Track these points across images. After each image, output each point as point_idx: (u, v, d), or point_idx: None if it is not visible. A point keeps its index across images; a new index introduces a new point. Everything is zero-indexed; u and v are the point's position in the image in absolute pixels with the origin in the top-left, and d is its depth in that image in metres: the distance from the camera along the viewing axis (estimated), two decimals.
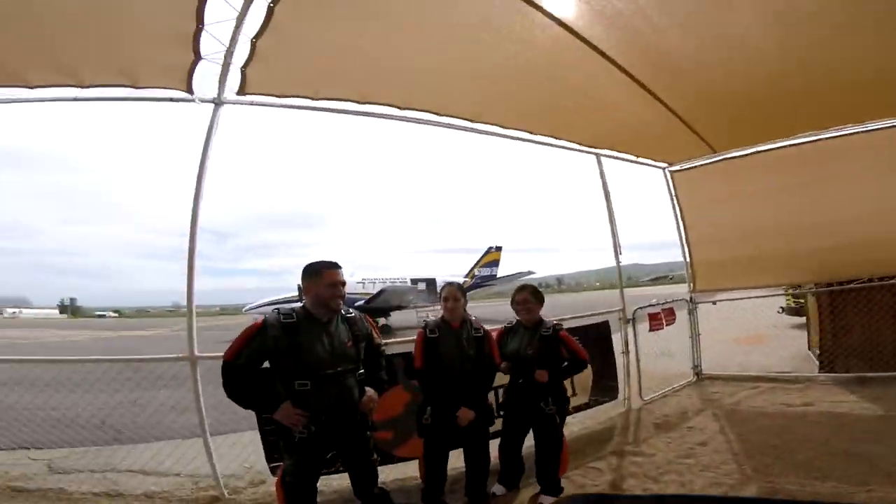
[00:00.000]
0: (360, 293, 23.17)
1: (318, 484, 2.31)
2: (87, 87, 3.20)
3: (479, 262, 31.26)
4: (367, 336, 2.50)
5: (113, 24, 2.65)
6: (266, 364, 2.25)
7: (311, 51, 3.07)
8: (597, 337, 4.59)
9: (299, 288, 22.96)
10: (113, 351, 16.41)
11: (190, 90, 3.38)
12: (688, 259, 6.12)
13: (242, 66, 3.10)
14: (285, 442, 2.21)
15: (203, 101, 3.52)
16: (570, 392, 4.22)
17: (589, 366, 4.31)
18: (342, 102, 3.66)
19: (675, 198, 6.02)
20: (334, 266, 2.39)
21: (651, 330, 5.28)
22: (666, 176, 5.99)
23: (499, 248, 31.61)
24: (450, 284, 2.97)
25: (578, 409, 4.31)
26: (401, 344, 3.78)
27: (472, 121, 4.17)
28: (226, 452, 3.55)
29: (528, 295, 3.05)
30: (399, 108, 3.84)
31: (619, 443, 3.93)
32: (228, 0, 2.47)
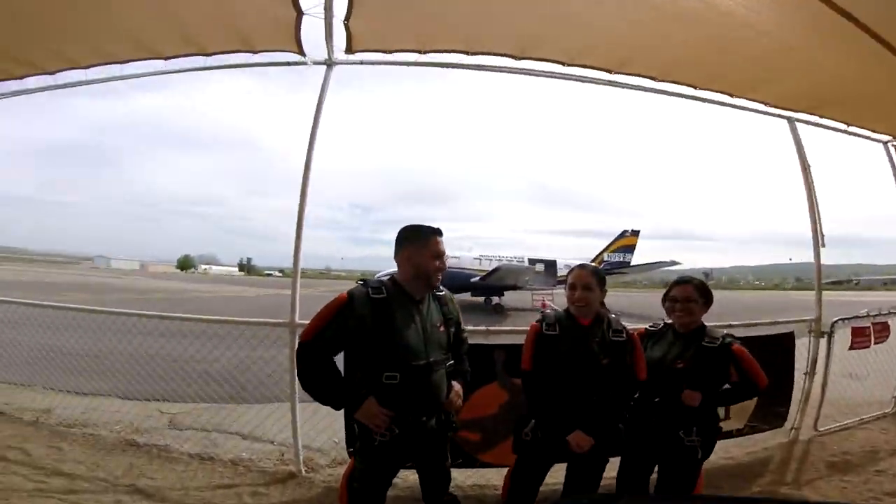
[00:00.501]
0: (476, 269, 23.14)
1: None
2: (211, 54, 3.36)
3: (610, 245, 28.58)
4: (457, 320, 2.09)
5: None
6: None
7: None
8: (774, 352, 3.54)
9: None
10: (268, 308, 18.81)
11: (301, 51, 3.34)
12: None
13: (344, 20, 2.90)
14: (362, 443, 1.87)
15: (315, 62, 3.48)
16: (721, 415, 3.36)
17: None
18: (450, 55, 3.26)
19: None
20: (439, 233, 1.97)
21: (852, 348, 4.00)
22: (889, 152, 4.38)
23: (635, 233, 28.51)
24: (581, 267, 2.24)
25: (727, 435, 3.38)
26: (505, 335, 3.30)
27: (610, 72, 3.38)
28: (319, 421, 3.35)
29: (693, 291, 2.26)
30: (515, 57, 3.27)
31: (773, 482, 3.10)
32: None
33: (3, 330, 4.56)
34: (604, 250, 28.52)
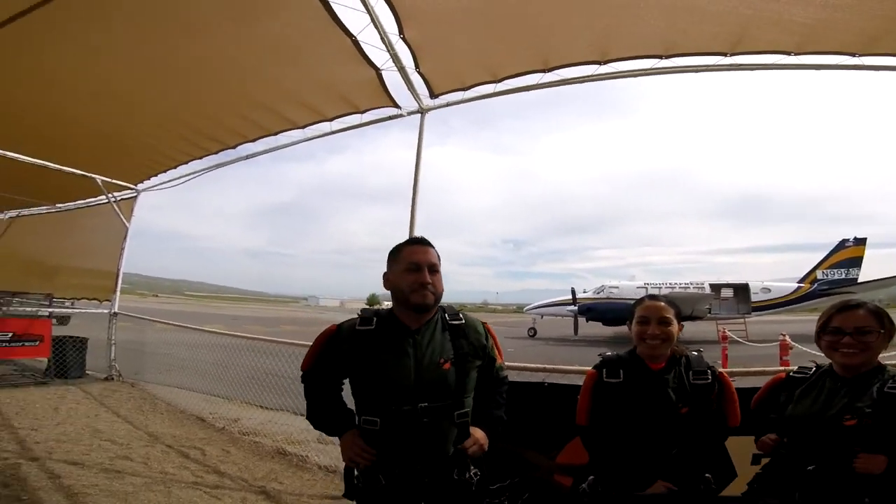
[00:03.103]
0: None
1: None
2: (331, 119, 4.10)
3: (825, 260, 22.34)
4: (481, 353, 1.70)
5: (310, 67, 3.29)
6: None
7: (467, 27, 2.83)
8: None
9: (573, 291, 21.70)
10: None
11: (395, 105, 3.78)
12: None
13: (416, 69, 3.19)
14: (346, 481, 1.65)
15: (410, 112, 3.90)
16: None
17: None
18: (526, 77, 3.27)
19: None
20: (418, 242, 1.67)
21: None
22: None
23: (860, 241, 21.71)
24: (652, 298, 1.84)
25: None
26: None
27: (725, 55, 2.95)
28: None
29: (869, 317, 1.63)
30: (599, 62, 3.11)
31: None
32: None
33: (224, 354, 5.83)
34: (817, 266, 22.36)
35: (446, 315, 1.68)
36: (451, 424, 1.57)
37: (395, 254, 1.68)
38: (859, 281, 21.32)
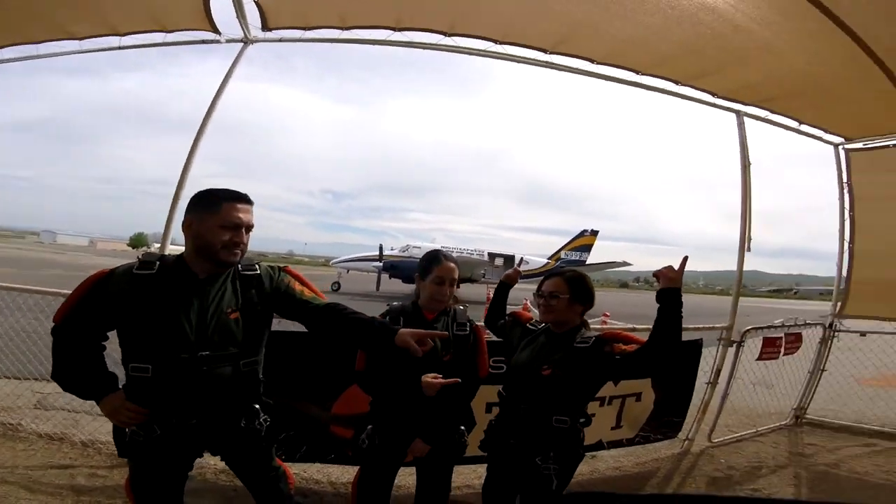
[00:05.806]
0: None
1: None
2: (125, 34, 3.14)
3: (568, 244, 28.86)
4: (275, 296, 1.67)
5: None
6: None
7: None
8: (676, 359, 3.51)
9: (380, 248, 22.80)
10: None
11: (215, 29, 3.15)
12: (844, 272, 4.49)
13: None
14: (115, 441, 1.56)
15: (230, 40, 3.30)
16: (612, 423, 3.31)
17: (654, 393, 3.37)
18: (375, 31, 3.13)
19: (846, 186, 4.34)
20: (240, 198, 1.58)
21: (760, 358, 3.95)
22: (839, 155, 4.32)
23: (594, 233, 28.89)
24: (446, 258, 2.01)
25: (616, 444, 3.39)
26: None
27: (546, 51, 3.23)
28: None
29: (561, 284, 1.91)
30: (445, 33, 3.10)
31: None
32: None
33: None
34: (562, 248, 28.96)
35: (239, 266, 1.64)
36: (237, 373, 1.57)
37: (211, 204, 1.55)
38: (587, 263, 28.55)
